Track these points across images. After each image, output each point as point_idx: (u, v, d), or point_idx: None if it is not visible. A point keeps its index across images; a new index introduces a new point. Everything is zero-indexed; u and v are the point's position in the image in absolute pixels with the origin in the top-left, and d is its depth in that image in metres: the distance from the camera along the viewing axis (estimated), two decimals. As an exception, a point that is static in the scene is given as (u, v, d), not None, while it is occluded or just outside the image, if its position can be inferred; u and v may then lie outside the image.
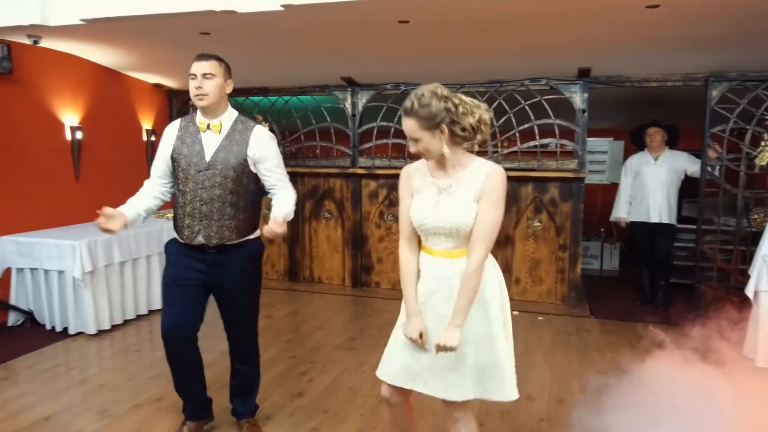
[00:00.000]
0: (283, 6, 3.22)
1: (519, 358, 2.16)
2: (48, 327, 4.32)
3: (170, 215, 5.38)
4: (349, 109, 5.64)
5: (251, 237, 2.62)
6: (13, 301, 4.33)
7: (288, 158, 5.99)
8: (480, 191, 1.91)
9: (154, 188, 2.63)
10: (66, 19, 3.65)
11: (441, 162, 1.98)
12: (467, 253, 1.95)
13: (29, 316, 4.35)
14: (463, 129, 1.88)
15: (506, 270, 5.30)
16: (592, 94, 5.00)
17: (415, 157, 2.02)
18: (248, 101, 6.08)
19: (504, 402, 2.04)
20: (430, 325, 2.02)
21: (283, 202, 2.56)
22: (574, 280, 5.15)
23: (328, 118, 5.72)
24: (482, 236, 1.91)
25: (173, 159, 2.52)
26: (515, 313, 4.89)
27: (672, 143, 5.04)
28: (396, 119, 5.42)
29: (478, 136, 1.94)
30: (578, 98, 4.95)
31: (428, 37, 4.06)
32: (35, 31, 3.96)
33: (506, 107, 5.08)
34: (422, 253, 2.09)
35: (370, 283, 5.82)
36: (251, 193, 2.56)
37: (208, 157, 2.46)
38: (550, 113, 4.99)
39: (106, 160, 5.29)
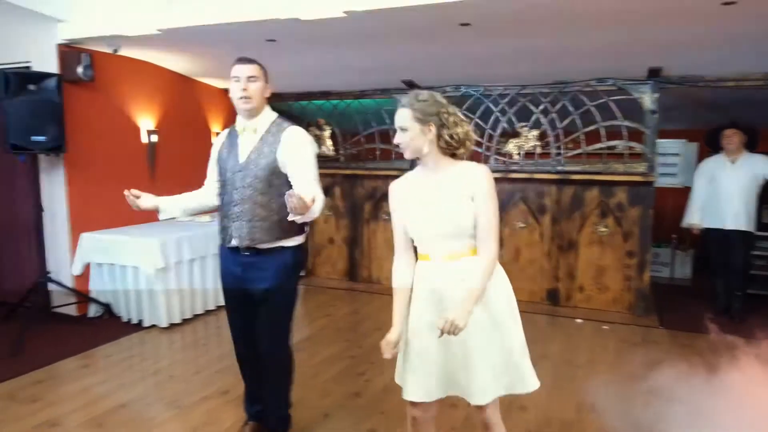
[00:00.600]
0: (345, 12, 3.29)
1: (581, 368, 2.13)
2: (124, 319, 4.59)
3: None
4: (410, 112, 5.65)
5: (288, 244, 2.53)
6: (93, 294, 4.63)
7: (348, 161, 6.09)
8: (472, 191, 1.96)
9: (204, 190, 2.75)
10: (144, 30, 3.88)
11: (425, 167, 2.03)
12: (479, 250, 1.98)
13: (107, 308, 4.63)
14: (451, 137, 1.97)
15: (569, 276, 5.17)
16: (664, 95, 4.79)
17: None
18: (311, 105, 6.22)
19: (527, 394, 2.05)
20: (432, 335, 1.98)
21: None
22: (641, 288, 4.95)
23: (387, 121, 5.77)
24: (489, 231, 1.97)
25: (218, 164, 2.62)
26: (578, 321, 4.79)
27: (751, 146, 4.75)
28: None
29: (462, 150, 2.01)
30: (648, 99, 4.75)
31: (489, 39, 4.02)
32: (115, 40, 4.22)
33: (570, 108, 4.95)
34: (421, 264, 2.09)
35: (429, 285, 5.81)
36: (283, 195, 2.48)
37: (241, 159, 2.49)
38: (618, 114, 4.82)
39: (178, 161, 5.55)
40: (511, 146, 5.28)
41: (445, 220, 1.97)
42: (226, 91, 6.21)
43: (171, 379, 3.57)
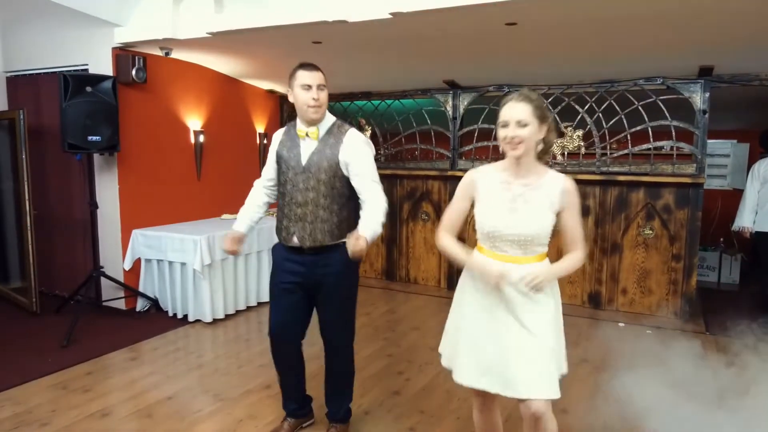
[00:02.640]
0: (391, 14, 3.31)
1: (624, 373, 2.13)
2: (170, 314, 4.73)
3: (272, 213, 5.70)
4: (450, 112, 5.65)
5: None
6: (141, 289, 4.80)
7: (388, 161, 6.12)
8: (559, 204, 1.99)
9: (261, 192, 2.80)
10: (194, 33, 4.00)
11: (516, 168, 2.02)
12: (569, 252, 2.06)
13: (154, 302, 4.79)
14: (549, 142, 2.03)
15: (612, 279, 5.07)
16: (714, 94, 4.64)
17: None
18: (353, 105, 6.28)
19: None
20: (504, 322, 2.03)
21: (370, 217, 2.45)
22: (688, 293, 4.82)
23: (428, 121, 5.77)
24: (578, 239, 2.04)
25: (278, 162, 2.64)
26: (621, 324, 4.69)
27: (808, 147, 4.57)
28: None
29: (546, 157, 2.08)
30: (698, 98, 4.62)
31: (535, 39, 3.98)
32: (167, 44, 4.36)
33: (617, 108, 4.85)
34: (480, 256, 2.09)
35: (467, 286, 5.78)
36: (346, 197, 2.56)
37: (303, 161, 2.52)
38: (667, 114, 4.70)
39: (224, 161, 5.69)
40: (555, 147, 5.20)
41: (525, 228, 1.98)
42: (270, 92, 6.36)
43: (215, 372, 3.67)
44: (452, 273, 5.83)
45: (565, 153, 5.18)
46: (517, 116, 1.93)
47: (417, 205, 5.97)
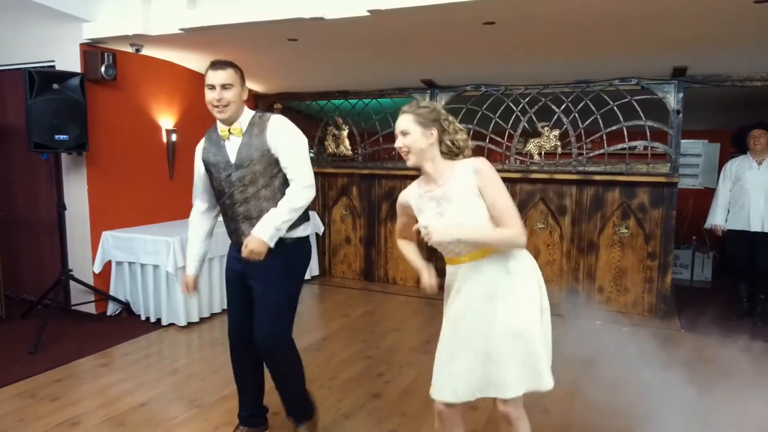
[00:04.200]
0: (369, 11, 3.27)
1: (603, 371, 2.13)
2: (143, 317, 4.61)
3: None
4: (428, 111, 5.62)
5: (295, 236, 2.48)
6: (112, 292, 4.66)
7: (366, 160, 6.07)
8: (477, 185, 1.98)
9: (200, 222, 2.72)
10: (166, 29, 3.89)
11: (427, 176, 2.07)
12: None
13: (126, 306, 4.65)
14: (453, 142, 2.06)
15: (589, 277, 5.11)
16: (686, 95, 4.71)
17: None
18: (329, 104, 6.21)
19: (540, 392, 2.02)
20: (469, 328, 2.04)
21: (273, 213, 2.35)
22: (663, 291, 4.88)
23: (406, 121, 5.73)
24: (506, 216, 1.96)
25: (207, 171, 2.53)
26: (598, 323, 4.73)
27: (778, 147, 4.66)
28: (475, 121, 5.35)
29: (461, 156, 2.08)
30: (672, 98, 4.68)
31: (512, 39, 3.99)
32: (138, 40, 4.24)
33: (593, 108, 4.89)
34: (450, 267, 2.14)
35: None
36: (285, 182, 2.44)
37: (233, 159, 2.42)
38: (641, 114, 4.75)
39: (197, 160, 5.57)
40: (532, 146, 5.23)
41: (462, 222, 1.98)
42: (244, 90, 6.25)
43: (190, 377, 3.57)
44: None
45: (542, 153, 5.20)
46: (399, 127, 2.04)
47: (395, 204, 5.92)
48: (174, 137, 5.21)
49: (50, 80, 4.03)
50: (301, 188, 2.40)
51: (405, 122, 2.02)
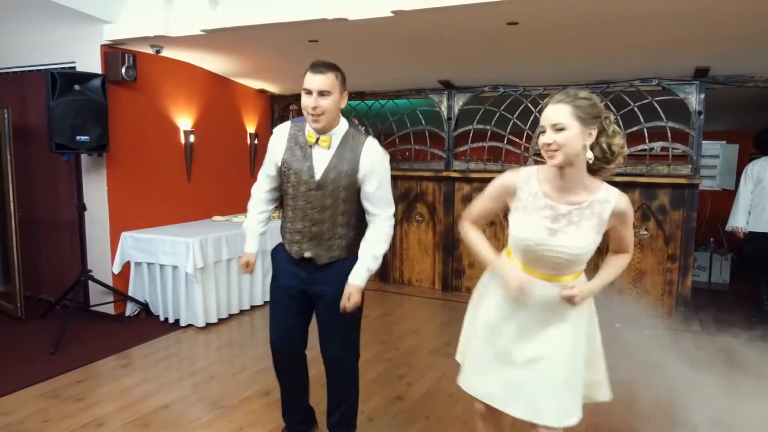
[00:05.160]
0: (393, 12, 3.25)
1: (625, 374, 2.09)
2: (161, 318, 4.61)
3: (273, 215, 5.59)
4: (445, 112, 5.61)
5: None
6: (130, 293, 4.66)
7: (382, 161, 6.04)
8: (609, 224, 1.82)
9: (262, 202, 2.57)
10: (187, 30, 3.89)
11: (560, 181, 1.79)
12: (614, 256, 1.95)
13: (144, 307, 4.66)
14: (609, 146, 1.77)
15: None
16: (707, 95, 4.66)
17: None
18: (346, 106, 6.19)
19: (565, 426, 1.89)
20: (509, 340, 1.93)
21: (367, 254, 2.31)
22: (683, 293, 4.84)
23: (423, 121, 5.72)
24: (627, 246, 1.92)
25: (283, 172, 2.37)
26: (617, 325, 4.68)
27: (800, 148, 4.62)
28: (493, 122, 5.33)
29: (611, 165, 1.82)
30: (694, 99, 4.64)
31: (534, 39, 3.95)
32: (159, 41, 4.25)
33: (613, 109, 4.84)
34: (508, 262, 1.95)
35: (461, 288, 5.75)
36: (362, 209, 2.40)
37: (318, 176, 2.28)
38: (662, 115, 4.71)
39: (214, 162, 5.58)
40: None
41: (565, 251, 1.79)
42: (261, 92, 6.25)
43: (211, 379, 3.57)
44: (447, 274, 5.79)
45: (561, 154, 5.16)
46: (553, 119, 1.71)
47: (411, 206, 5.92)
48: (192, 138, 5.21)
49: (72, 81, 4.04)
50: (387, 227, 2.34)
51: (561, 114, 1.69)
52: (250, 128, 6.12)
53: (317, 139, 2.27)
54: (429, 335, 4.49)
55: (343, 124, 2.33)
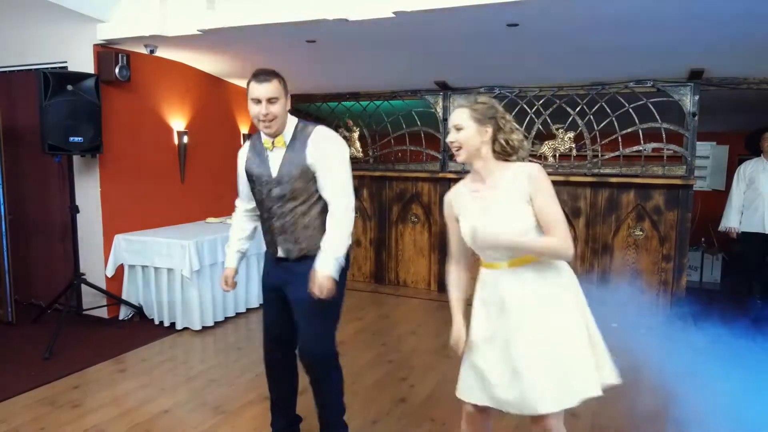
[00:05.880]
0: (394, 13, 3.23)
1: (626, 374, 2.08)
2: (156, 322, 4.54)
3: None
4: (440, 113, 5.61)
5: None
6: (124, 296, 4.59)
7: (377, 162, 6.04)
8: (529, 192, 1.91)
9: (244, 220, 2.68)
10: (184, 30, 3.83)
11: (477, 174, 2.01)
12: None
13: (138, 310, 4.58)
14: (507, 142, 1.98)
15: (604, 280, 5.09)
16: (702, 97, 4.71)
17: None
18: (340, 106, 6.17)
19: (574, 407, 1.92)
20: (493, 334, 1.99)
21: (329, 245, 2.29)
22: (678, 293, 4.88)
23: (418, 122, 5.71)
24: (552, 223, 1.89)
25: (249, 179, 2.48)
26: (614, 325, 4.70)
27: (791, 149, 4.68)
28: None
29: (514, 157, 2.01)
30: (688, 101, 4.68)
31: (531, 41, 3.96)
32: (154, 41, 4.19)
33: (608, 110, 4.88)
34: (484, 271, 2.06)
35: (457, 288, 5.74)
36: (324, 199, 2.41)
37: (274, 173, 2.37)
38: (657, 116, 4.75)
39: (208, 163, 5.51)
40: (546, 148, 5.21)
41: (505, 226, 1.92)
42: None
43: (211, 383, 3.52)
44: (442, 275, 5.78)
45: (557, 155, 5.19)
46: (453, 121, 1.97)
47: (406, 207, 5.91)
48: (185, 139, 5.14)
49: (65, 81, 3.96)
50: (341, 216, 2.32)
51: (460, 117, 1.96)
52: (244, 129, 6.06)
53: (272, 143, 2.36)
54: (428, 337, 4.48)
55: (291, 122, 2.39)
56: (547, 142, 5.21)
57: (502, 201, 1.95)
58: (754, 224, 4.76)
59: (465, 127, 1.94)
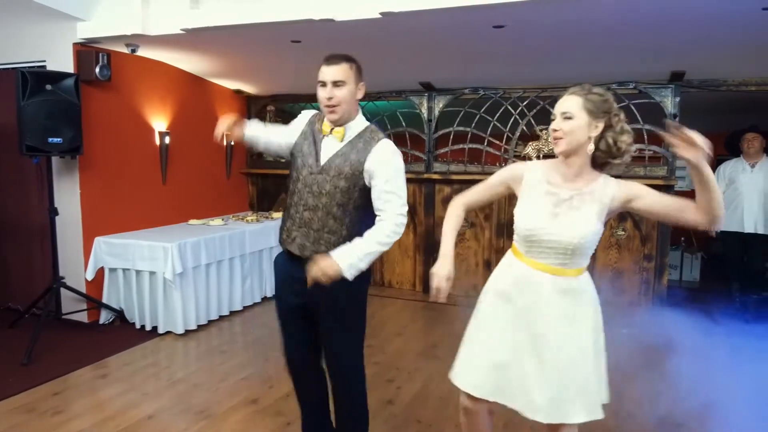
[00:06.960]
0: (381, 14, 3.22)
1: (610, 373, 2.07)
2: (137, 326, 4.47)
3: (250, 218, 5.49)
4: (425, 114, 5.61)
5: None
6: (105, 300, 4.50)
7: (361, 163, 6.01)
8: (609, 212, 1.84)
9: (270, 131, 2.48)
10: (167, 29, 3.78)
11: (565, 168, 1.86)
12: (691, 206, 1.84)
13: (119, 314, 4.50)
14: (615, 142, 1.81)
15: (587, 280, 5.14)
16: (682, 98, 4.78)
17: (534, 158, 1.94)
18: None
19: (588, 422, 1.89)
20: (521, 337, 1.91)
21: (360, 243, 2.14)
22: (659, 292, 4.95)
23: (403, 123, 5.71)
24: (674, 199, 1.82)
25: (292, 153, 2.34)
26: (624, 331, 4.75)
27: (769, 150, 4.78)
28: (473, 124, 5.35)
29: (617, 161, 1.86)
30: (669, 102, 4.75)
31: (516, 42, 3.98)
32: (136, 40, 4.12)
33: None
34: (515, 262, 1.97)
35: (442, 289, 5.74)
36: (363, 212, 2.23)
37: (322, 161, 2.23)
38: (639, 118, 4.81)
39: (190, 164, 5.44)
40: (530, 149, 5.24)
41: (566, 236, 1.82)
42: (237, 92, 6.14)
43: (195, 387, 3.47)
44: (427, 276, 5.77)
45: (541, 155, 5.23)
46: (563, 108, 1.81)
47: (391, 208, 5.89)
48: (167, 140, 5.07)
49: (44, 81, 3.87)
50: (394, 225, 2.16)
51: (571, 104, 1.79)
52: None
53: (331, 130, 2.24)
54: (414, 338, 4.48)
55: (361, 121, 2.28)
56: (531, 143, 5.24)
57: (579, 209, 1.83)
58: (734, 223, 4.84)
59: (575, 117, 1.78)
